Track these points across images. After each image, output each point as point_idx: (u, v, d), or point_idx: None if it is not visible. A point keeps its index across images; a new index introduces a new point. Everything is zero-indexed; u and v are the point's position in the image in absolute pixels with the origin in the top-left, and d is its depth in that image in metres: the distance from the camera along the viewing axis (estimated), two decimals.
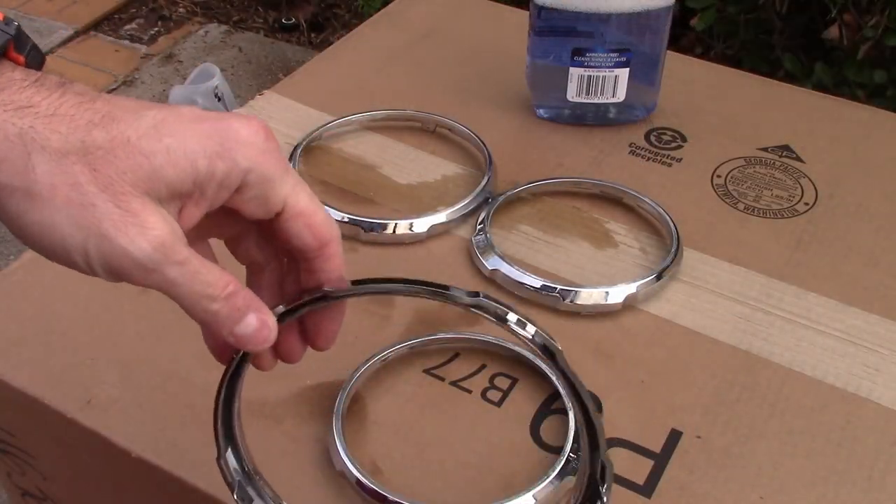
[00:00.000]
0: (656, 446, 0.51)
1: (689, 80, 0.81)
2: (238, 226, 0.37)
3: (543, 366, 0.54)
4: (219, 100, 1.71)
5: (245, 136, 0.33)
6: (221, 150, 0.32)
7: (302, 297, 0.38)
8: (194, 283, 0.32)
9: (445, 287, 0.35)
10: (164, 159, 0.31)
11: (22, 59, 0.34)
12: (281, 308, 0.37)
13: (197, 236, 0.35)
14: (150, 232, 0.30)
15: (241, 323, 0.33)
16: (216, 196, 0.33)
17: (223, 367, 0.41)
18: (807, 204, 0.68)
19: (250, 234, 0.37)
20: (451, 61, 0.84)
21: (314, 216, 0.35)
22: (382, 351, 0.55)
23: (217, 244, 0.39)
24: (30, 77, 0.32)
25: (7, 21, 0.34)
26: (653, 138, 0.75)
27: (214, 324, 0.33)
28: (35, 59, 0.35)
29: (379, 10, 0.99)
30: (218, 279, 0.33)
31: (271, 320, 0.34)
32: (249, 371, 0.42)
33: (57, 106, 0.31)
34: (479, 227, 0.64)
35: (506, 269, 0.61)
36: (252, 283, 0.39)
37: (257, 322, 0.33)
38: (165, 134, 0.31)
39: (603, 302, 0.59)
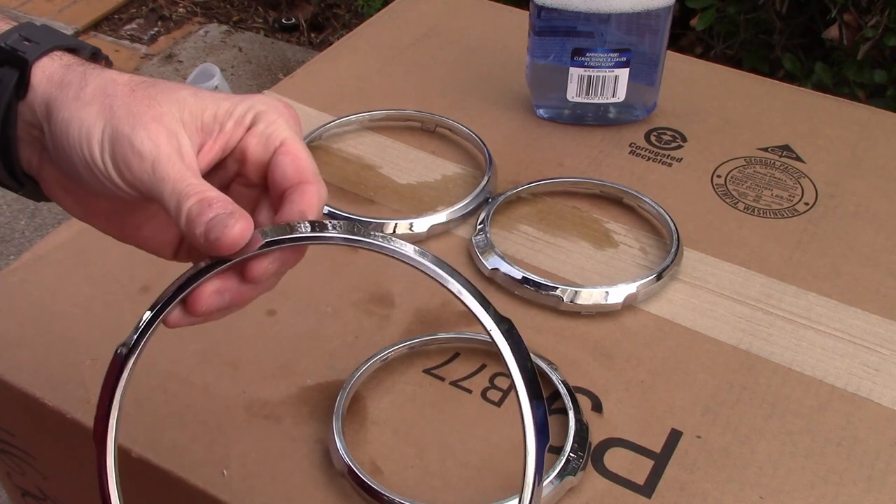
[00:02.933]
0: (656, 446, 0.52)
1: (689, 80, 0.81)
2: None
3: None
4: None
5: (265, 97, 0.39)
6: (243, 99, 0.39)
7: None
8: (178, 183, 0.36)
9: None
10: (192, 94, 0.37)
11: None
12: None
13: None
14: (156, 136, 0.36)
15: (213, 220, 0.35)
16: (233, 133, 0.38)
17: (222, 368, 0.41)
18: (807, 204, 0.68)
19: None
20: (451, 61, 0.84)
21: (302, 159, 0.39)
22: (382, 351, 0.55)
23: None
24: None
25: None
26: (653, 138, 0.75)
27: (188, 222, 0.35)
28: None
29: (379, 10, 0.99)
30: (201, 184, 0.36)
31: (247, 224, 0.35)
32: (251, 372, 0.42)
33: (120, 72, 0.39)
34: (479, 227, 0.64)
35: (506, 268, 0.61)
36: None
37: (231, 221, 0.35)
38: (201, 90, 0.39)
39: (603, 302, 0.59)
